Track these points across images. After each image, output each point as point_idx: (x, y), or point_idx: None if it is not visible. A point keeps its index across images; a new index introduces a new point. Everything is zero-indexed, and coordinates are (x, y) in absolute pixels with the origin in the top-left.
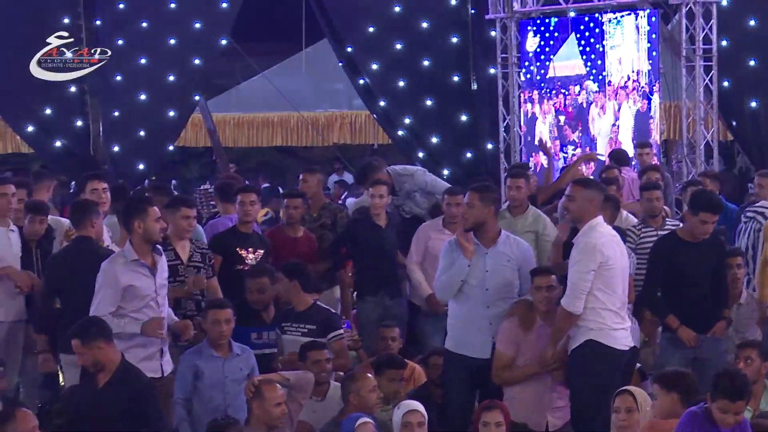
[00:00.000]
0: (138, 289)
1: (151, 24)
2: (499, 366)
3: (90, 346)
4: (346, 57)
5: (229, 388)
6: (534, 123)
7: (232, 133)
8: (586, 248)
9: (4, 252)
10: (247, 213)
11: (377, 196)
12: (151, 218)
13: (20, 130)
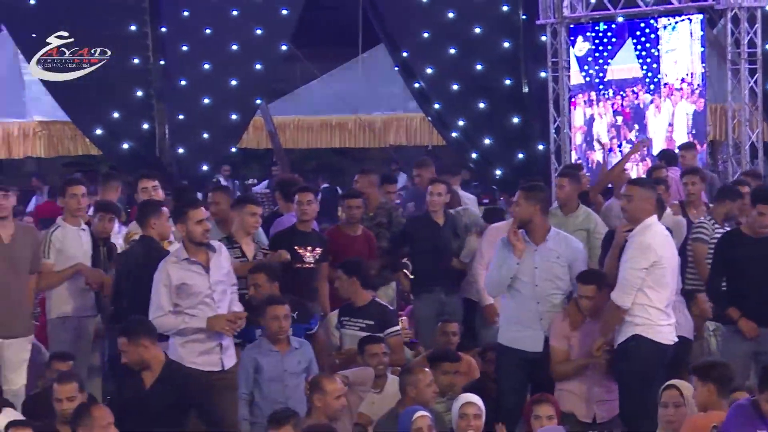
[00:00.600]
0: (191, 286)
1: (214, 30)
2: (555, 361)
3: (136, 344)
4: (402, 61)
5: (288, 381)
6: (592, 123)
7: (292, 136)
8: (640, 247)
9: (77, 250)
10: (305, 212)
11: (435, 194)
12: (192, 221)
13: (89, 132)
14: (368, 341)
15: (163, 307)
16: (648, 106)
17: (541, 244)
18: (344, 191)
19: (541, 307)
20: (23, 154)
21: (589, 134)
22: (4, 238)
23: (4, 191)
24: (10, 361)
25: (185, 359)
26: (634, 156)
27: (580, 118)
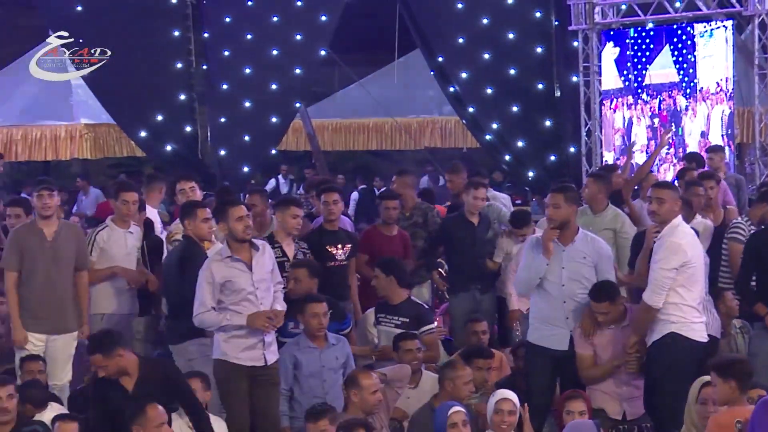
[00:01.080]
0: (234, 283)
1: (255, 36)
2: (583, 367)
3: (112, 356)
4: (437, 66)
5: (326, 376)
6: (630, 126)
7: (330, 138)
8: (671, 247)
9: (119, 251)
10: (331, 212)
11: (480, 198)
12: (232, 218)
13: (134, 135)
14: (403, 337)
15: (206, 304)
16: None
17: (569, 245)
18: (380, 192)
19: (567, 306)
20: (70, 156)
21: (627, 137)
22: (47, 236)
23: (49, 191)
24: (56, 356)
25: (229, 354)
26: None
27: (619, 121)
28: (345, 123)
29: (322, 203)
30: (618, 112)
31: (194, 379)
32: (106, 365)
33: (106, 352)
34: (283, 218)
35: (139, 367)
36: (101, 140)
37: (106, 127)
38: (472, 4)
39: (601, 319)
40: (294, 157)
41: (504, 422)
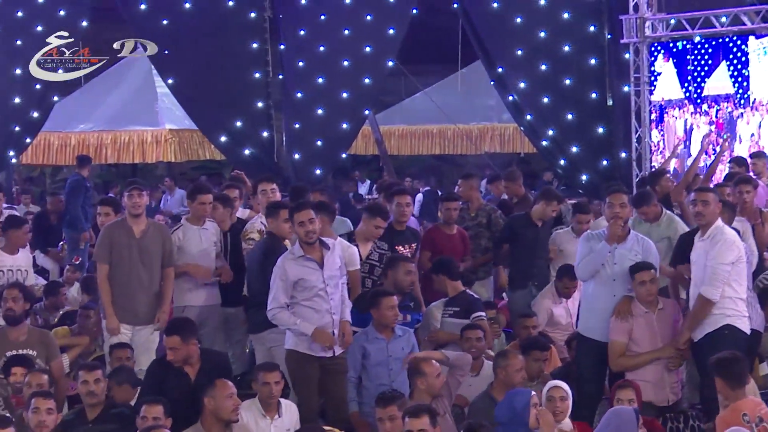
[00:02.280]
0: (306, 281)
1: (328, 48)
2: (615, 355)
3: (188, 343)
4: (497, 76)
5: (392, 365)
6: (691, 132)
7: (396, 143)
8: (726, 243)
9: (194, 248)
10: (403, 213)
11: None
12: (296, 221)
13: (215, 139)
14: (468, 327)
15: (279, 300)
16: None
17: (622, 243)
18: (443, 194)
19: (616, 300)
20: (156, 159)
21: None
22: (136, 233)
23: (139, 191)
24: (141, 345)
25: (299, 345)
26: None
27: (680, 128)
28: (410, 129)
29: (395, 205)
30: (680, 120)
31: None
32: (179, 349)
33: (185, 336)
34: (367, 227)
35: (200, 358)
36: (185, 144)
37: (189, 132)
38: (531, 18)
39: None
40: (363, 161)
41: (557, 408)
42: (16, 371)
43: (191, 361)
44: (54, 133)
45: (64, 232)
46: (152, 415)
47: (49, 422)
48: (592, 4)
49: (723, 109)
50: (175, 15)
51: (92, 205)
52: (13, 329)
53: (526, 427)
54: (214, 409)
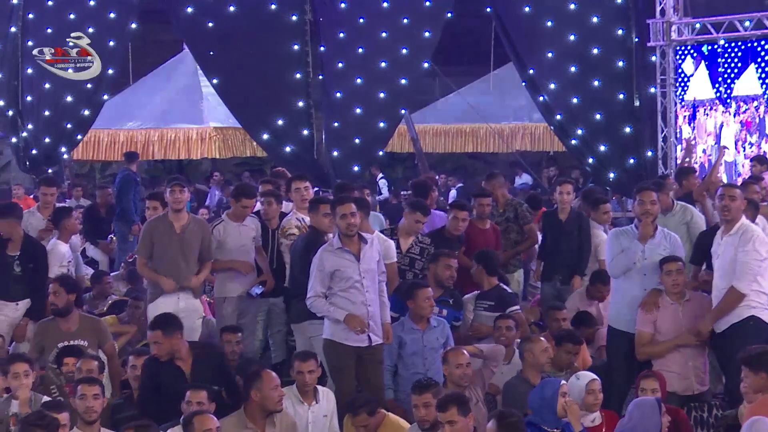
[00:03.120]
0: (343, 272)
1: (365, 49)
2: (641, 343)
3: (171, 337)
4: (528, 78)
5: (427, 355)
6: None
7: (431, 141)
8: (759, 238)
9: (234, 242)
10: (457, 228)
11: (564, 193)
12: (338, 215)
13: (257, 137)
14: (501, 317)
15: (316, 290)
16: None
17: (650, 240)
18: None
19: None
20: (200, 155)
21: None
22: (177, 228)
23: (180, 187)
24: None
25: (335, 335)
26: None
27: (710, 126)
28: (444, 128)
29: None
30: (710, 118)
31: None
32: (162, 343)
33: (167, 330)
34: (408, 221)
35: (191, 352)
36: (228, 141)
37: (233, 130)
38: (561, 22)
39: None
40: (399, 158)
41: (597, 399)
42: (68, 361)
43: (180, 356)
44: (103, 131)
45: (113, 224)
46: (197, 400)
47: (96, 407)
48: (621, 9)
49: (751, 109)
50: (219, 18)
51: (141, 199)
52: (63, 320)
53: (554, 414)
54: (261, 401)
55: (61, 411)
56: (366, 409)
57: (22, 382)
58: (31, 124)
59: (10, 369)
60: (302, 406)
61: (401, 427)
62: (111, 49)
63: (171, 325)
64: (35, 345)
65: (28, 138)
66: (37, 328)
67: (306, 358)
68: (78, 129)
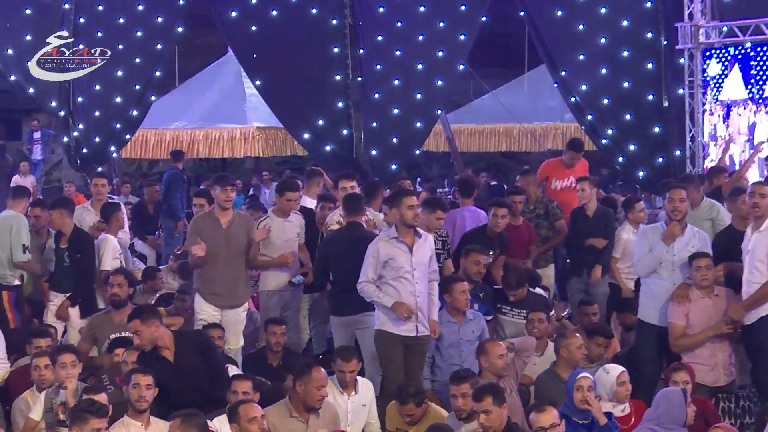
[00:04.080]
0: (396, 261)
1: (403, 52)
2: (675, 336)
3: (148, 325)
4: (560, 79)
5: (463, 347)
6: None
7: (466, 141)
8: None
9: (278, 238)
10: (497, 225)
11: (580, 189)
12: (405, 206)
13: (298, 136)
14: (533, 311)
15: (368, 275)
16: None
17: (680, 236)
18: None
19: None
20: (243, 154)
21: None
22: (223, 224)
23: (233, 186)
24: (230, 326)
25: (387, 325)
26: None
27: (744, 125)
28: (479, 128)
29: (491, 215)
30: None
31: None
32: (141, 331)
33: (144, 319)
34: (428, 219)
35: (174, 341)
36: (270, 141)
37: (275, 130)
38: (592, 25)
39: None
40: (435, 157)
41: (627, 391)
42: (119, 352)
43: (162, 344)
44: (151, 130)
45: (160, 220)
46: (242, 390)
47: (148, 396)
48: (650, 13)
49: None
50: (263, 22)
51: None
52: (117, 312)
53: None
54: (303, 395)
55: (99, 392)
56: (415, 399)
57: (69, 372)
58: (81, 124)
59: (58, 359)
60: (342, 396)
61: (442, 417)
62: (158, 51)
63: (147, 313)
64: (88, 337)
65: (79, 137)
66: (91, 321)
67: (349, 358)
68: (126, 129)
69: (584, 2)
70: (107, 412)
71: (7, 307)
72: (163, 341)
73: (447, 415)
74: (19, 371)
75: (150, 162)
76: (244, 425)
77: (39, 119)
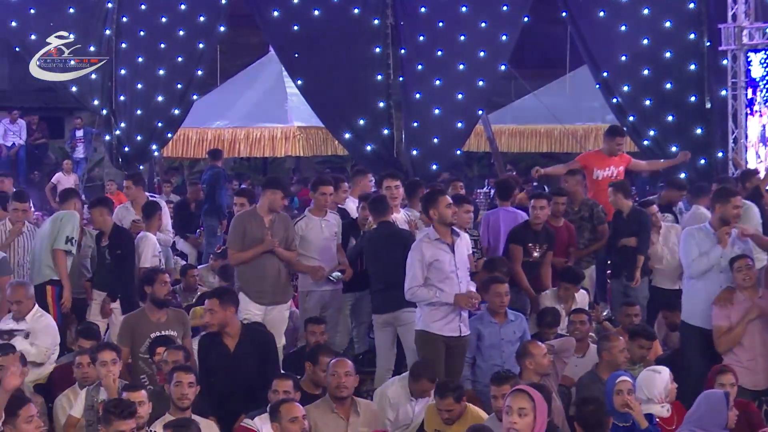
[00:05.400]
0: (440, 263)
1: (445, 52)
2: (718, 337)
3: (225, 308)
4: (602, 80)
5: (504, 348)
6: None
7: (506, 141)
8: None
9: (316, 237)
10: (537, 216)
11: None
12: (442, 205)
13: (339, 136)
14: (575, 312)
15: (417, 279)
16: None
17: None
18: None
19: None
20: (284, 153)
21: None
22: (265, 223)
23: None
24: (273, 324)
25: (430, 326)
26: None
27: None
28: (520, 128)
29: (531, 207)
30: None
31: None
32: (216, 312)
33: (223, 301)
34: (458, 214)
35: (240, 332)
36: (311, 140)
37: (316, 129)
38: (634, 26)
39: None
40: (476, 157)
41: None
42: (160, 351)
43: (229, 330)
44: (192, 129)
45: (202, 219)
46: (283, 389)
47: (191, 394)
48: (693, 14)
49: None
50: (305, 21)
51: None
52: (155, 311)
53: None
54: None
55: (138, 390)
56: (454, 394)
57: (109, 370)
58: (123, 123)
59: (98, 357)
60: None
61: (481, 418)
62: (200, 50)
63: (228, 297)
64: (125, 336)
65: (120, 136)
66: (127, 320)
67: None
68: (168, 127)
69: (627, 3)
70: (133, 413)
71: (51, 303)
72: (231, 329)
73: (487, 417)
74: (62, 368)
75: (191, 161)
76: (286, 425)
77: (82, 117)
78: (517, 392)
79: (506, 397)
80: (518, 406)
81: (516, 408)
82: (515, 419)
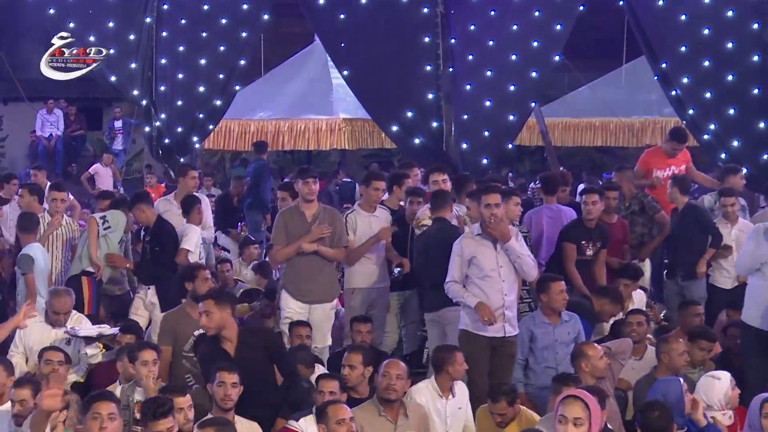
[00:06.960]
0: (480, 260)
1: (496, 42)
2: None
3: (222, 309)
4: (661, 72)
5: (558, 349)
6: None
7: (560, 135)
8: None
9: (366, 233)
10: (590, 212)
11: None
12: (482, 204)
13: (387, 129)
14: (631, 313)
15: (453, 275)
16: None
17: None
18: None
19: None
20: (329, 146)
21: None
22: (308, 217)
23: (314, 178)
24: (317, 323)
25: (472, 326)
26: None
27: None
28: (574, 122)
29: (582, 203)
30: None
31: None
32: (212, 312)
33: (219, 301)
34: (506, 207)
35: (238, 336)
36: (357, 133)
37: (362, 122)
38: (695, 16)
39: None
40: (528, 151)
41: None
42: None
43: (226, 334)
44: (234, 121)
45: (244, 213)
46: (329, 390)
47: (234, 395)
48: (756, 3)
49: None
50: (351, 10)
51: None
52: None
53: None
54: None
55: (182, 394)
56: (507, 398)
57: (150, 369)
58: (164, 114)
59: (138, 356)
60: (441, 400)
61: (534, 422)
62: (243, 39)
63: (224, 296)
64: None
65: (160, 127)
66: (167, 318)
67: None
68: (210, 119)
69: None
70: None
71: (86, 294)
72: (229, 332)
73: (539, 420)
74: (103, 365)
75: (233, 153)
76: (333, 427)
77: (121, 108)
78: (571, 399)
79: (558, 402)
80: (573, 416)
81: (571, 418)
82: (570, 430)
